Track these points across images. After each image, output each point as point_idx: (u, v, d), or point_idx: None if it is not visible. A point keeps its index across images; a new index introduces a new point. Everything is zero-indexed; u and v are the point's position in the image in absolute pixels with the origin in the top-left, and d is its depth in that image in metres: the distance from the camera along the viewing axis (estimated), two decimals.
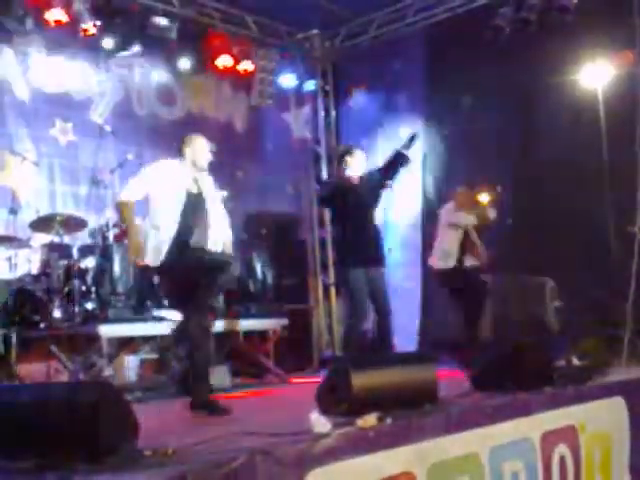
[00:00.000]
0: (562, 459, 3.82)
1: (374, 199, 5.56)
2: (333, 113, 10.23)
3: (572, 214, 7.56)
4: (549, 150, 7.89)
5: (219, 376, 5.97)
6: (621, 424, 4.38)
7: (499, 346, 5.41)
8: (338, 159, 5.61)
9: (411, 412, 3.31)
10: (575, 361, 4.68)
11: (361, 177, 5.51)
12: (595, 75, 7.33)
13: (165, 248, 4.39)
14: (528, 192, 8.04)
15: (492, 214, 6.85)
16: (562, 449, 3.84)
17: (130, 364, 6.55)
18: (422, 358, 4.05)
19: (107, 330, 5.86)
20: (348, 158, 5.48)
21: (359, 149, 5.61)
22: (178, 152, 4.66)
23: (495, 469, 3.41)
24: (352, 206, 5.41)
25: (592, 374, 4.62)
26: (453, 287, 6.64)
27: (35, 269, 6.38)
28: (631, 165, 6.95)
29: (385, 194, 5.81)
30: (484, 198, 6.86)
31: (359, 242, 5.41)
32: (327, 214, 9.14)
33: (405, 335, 7.84)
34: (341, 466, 2.74)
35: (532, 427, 3.73)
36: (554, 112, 7.81)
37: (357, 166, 5.52)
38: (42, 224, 6.41)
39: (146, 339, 6.58)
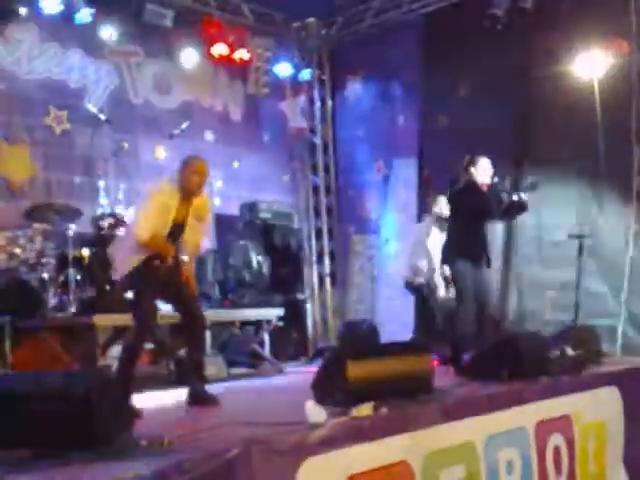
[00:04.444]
0: (556, 448, 3.84)
1: (497, 209, 5.69)
2: (329, 102, 10.19)
3: (567, 203, 7.57)
4: (545, 139, 7.88)
5: (215, 366, 5.97)
6: (615, 414, 4.40)
7: (495, 336, 5.43)
8: (464, 169, 5.75)
9: (406, 402, 3.32)
10: (570, 351, 4.69)
11: (489, 185, 5.66)
12: (591, 64, 7.33)
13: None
14: (524, 181, 8.03)
15: None
16: (557, 438, 3.86)
17: None
18: (417, 348, 4.07)
19: (102, 319, 5.83)
20: (472, 169, 5.62)
21: (482, 157, 5.74)
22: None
23: (490, 458, 3.43)
24: (477, 207, 5.57)
25: (586, 364, 4.64)
26: None
27: (30, 258, 6.35)
28: (626, 154, 6.97)
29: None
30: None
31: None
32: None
33: (401, 324, 7.85)
34: (336, 455, 2.75)
35: (527, 416, 3.74)
36: (550, 101, 7.80)
37: (483, 173, 5.66)
38: (37, 213, 6.38)
39: None
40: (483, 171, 5.69)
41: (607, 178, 7.22)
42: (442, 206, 6.67)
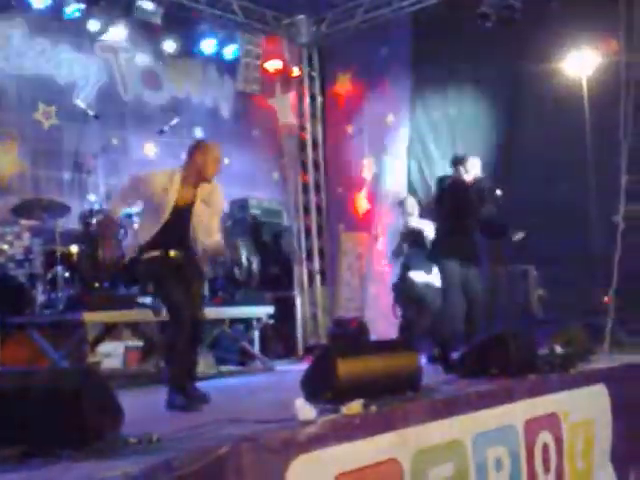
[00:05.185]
0: (545, 446, 3.86)
1: (479, 206, 5.68)
2: (319, 99, 10.19)
3: (556, 202, 7.59)
4: (534, 138, 7.91)
5: (204, 364, 5.96)
6: (603, 411, 4.42)
7: (483, 334, 5.45)
8: (453, 166, 5.76)
9: (396, 399, 3.33)
10: (558, 349, 4.71)
11: (473, 180, 5.65)
12: (580, 63, 7.36)
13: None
14: (512, 180, 8.06)
15: None
16: (545, 436, 3.87)
17: (115, 351, 6.52)
18: (406, 346, 4.08)
19: (91, 316, 5.81)
20: (460, 167, 5.63)
21: (472, 157, 5.75)
22: (186, 157, 4.40)
23: (479, 455, 3.44)
24: (463, 206, 5.56)
25: (575, 362, 4.66)
26: None
27: (18, 254, 6.32)
28: (614, 154, 7.00)
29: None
30: None
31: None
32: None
33: (390, 322, 7.86)
34: (326, 453, 2.75)
35: (516, 414, 3.75)
36: (539, 99, 7.83)
37: (472, 172, 5.71)
38: (25, 209, 6.34)
39: (131, 326, 6.54)
40: (472, 169, 5.69)
41: (595, 176, 7.25)
42: (409, 206, 6.76)
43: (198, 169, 4.34)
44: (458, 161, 5.78)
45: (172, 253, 4.33)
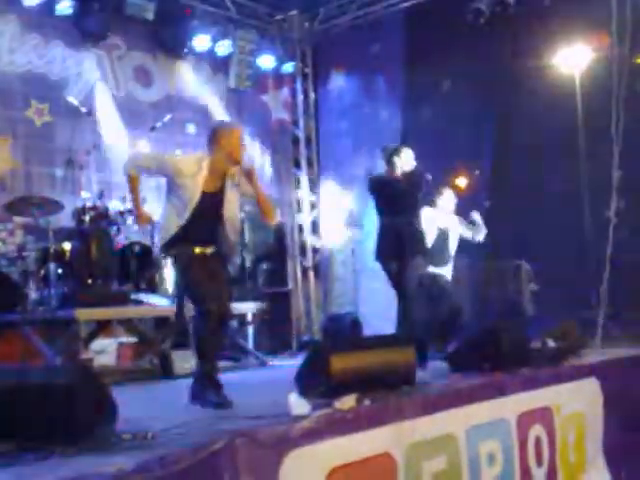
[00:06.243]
0: (538, 439, 3.88)
1: (412, 195, 5.52)
2: (312, 95, 10.19)
3: (548, 198, 7.63)
4: (527, 134, 7.93)
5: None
6: (595, 405, 4.45)
7: (476, 328, 5.47)
8: (387, 160, 5.58)
9: (389, 394, 3.34)
10: (550, 343, 4.74)
11: (404, 173, 5.49)
12: (572, 58, 7.39)
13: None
14: (505, 175, 8.09)
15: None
16: (538, 430, 3.90)
17: (108, 348, 6.52)
18: (400, 340, 4.09)
19: (84, 313, 5.81)
20: (396, 159, 5.47)
21: (405, 147, 5.60)
22: (210, 143, 4.10)
23: (472, 449, 3.46)
24: (390, 200, 5.44)
25: (567, 356, 4.69)
26: None
27: (11, 252, 6.31)
28: (607, 149, 7.02)
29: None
30: (461, 182, 6.84)
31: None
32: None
33: (384, 317, 7.87)
34: (320, 447, 2.76)
35: (508, 408, 3.78)
36: (533, 95, 7.85)
37: (407, 164, 5.51)
38: (18, 206, 6.33)
39: (124, 322, 6.54)
40: (407, 162, 5.54)
41: (588, 172, 7.28)
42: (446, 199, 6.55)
43: (227, 153, 4.05)
44: (391, 154, 5.60)
45: (197, 249, 4.05)
